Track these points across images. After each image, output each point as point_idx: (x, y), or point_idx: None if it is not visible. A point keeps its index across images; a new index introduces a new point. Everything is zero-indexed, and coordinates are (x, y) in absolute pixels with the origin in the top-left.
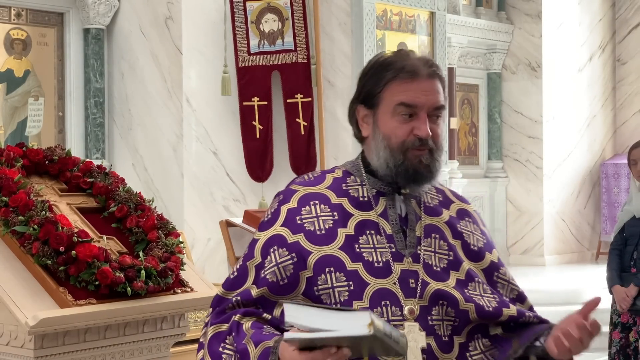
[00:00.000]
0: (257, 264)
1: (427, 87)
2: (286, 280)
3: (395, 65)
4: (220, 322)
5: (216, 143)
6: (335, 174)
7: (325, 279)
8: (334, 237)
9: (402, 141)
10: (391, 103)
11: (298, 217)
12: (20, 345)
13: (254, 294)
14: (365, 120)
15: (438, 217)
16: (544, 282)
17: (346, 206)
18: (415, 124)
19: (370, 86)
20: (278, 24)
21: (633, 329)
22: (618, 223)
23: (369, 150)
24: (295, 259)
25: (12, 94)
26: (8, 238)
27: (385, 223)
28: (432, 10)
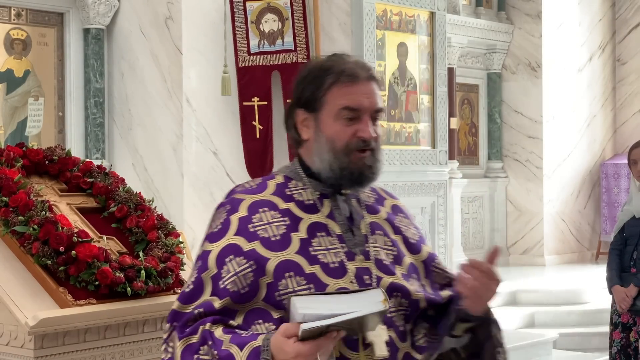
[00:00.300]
0: (213, 275)
1: (368, 90)
2: (247, 289)
3: (335, 69)
4: (188, 334)
5: (216, 143)
6: (276, 180)
7: (286, 284)
8: (288, 242)
9: (346, 144)
10: (335, 107)
11: (250, 225)
12: (20, 345)
13: (217, 306)
14: (305, 124)
15: (378, 215)
16: (544, 282)
17: (294, 210)
18: (359, 126)
19: (311, 91)
20: (278, 24)
21: (633, 329)
22: (618, 223)
23: (308, 153)
24: (254, 266)
25: (12, 94)
26: (8, 238)
27: (333, 224)
28: (432, 10)
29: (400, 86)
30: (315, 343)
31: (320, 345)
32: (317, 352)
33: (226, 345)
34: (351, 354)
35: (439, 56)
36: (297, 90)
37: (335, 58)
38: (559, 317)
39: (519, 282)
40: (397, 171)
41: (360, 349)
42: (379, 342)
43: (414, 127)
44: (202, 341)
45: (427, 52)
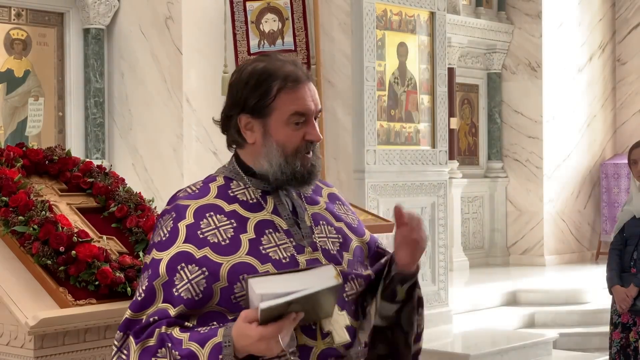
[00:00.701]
0: (164, 282)
1: (311, 92)
2: (201, 295)
3: (278, 74)
4: (144, 338)
5: (216, 143)
6: (218, 182)
7: (241, 286)
8: (238, 245)
9: (296, 147)
10: (284, 113)
11: (199, 232)
12: (20, 345)
13: (173, 314)
14: (249, 128)
15: (318, 205)
16: (544, 282)
17: (240, 211)
18: (307, 129)
19: (258, 97)
20: (278, 24)
21: (633, 329)
22: (618, 223)
23: (251, 155)
24: (206, 272)
25: (12, 94)
26: (8, 238)
27: (279, 220)
28: (432, 10)
29: (400, 86)
30: (276, 324)
31: (281, 327)
32: (278, 334)
33: (186, 344)
34: (311, 342)
35: (439, 56)
36: (239, 95)
37: (272, 60)
38: (559, 317)
39: (519, 282)
40: (397, 171)
41: (318, 337)
42: (338, 328)
43: (414, 127)
44: (160, 344)
45: (427, 52)
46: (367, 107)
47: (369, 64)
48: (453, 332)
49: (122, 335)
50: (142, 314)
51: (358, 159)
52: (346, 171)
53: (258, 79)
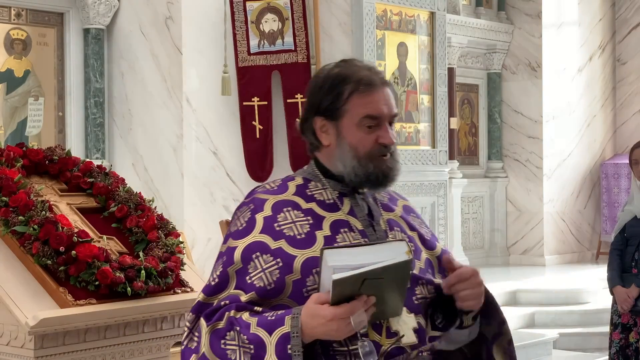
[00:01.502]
0: (238, 269)
1: (385, 96)
2: (273, 285)
3: (352, 77)
4: (214, 321)
5: (216, 143)
6: (296, 182)
7: (313, 280)
8: (313, 240)
9: (369, 150)
10: (357, 115)
11: (275, 224)
12: (20, 345)
13: (244, 300)
14: (324, 130)
15: (393, 213)
16: (544, 282)
17: (316, 210)
18: (380, 132)
19: (331, 100)
20: (278, 24)
21: (633, 329)
22: (619, 223)
23: (327, 157)
24: (280, 264)
25: (12, 94)
26: (8, 238)
27: (355, 220)
28: (432, 10)
29: (400, 86)
30: (349, 305)
31: (353, 307)
32: (350, 315)
33: (254, 328)
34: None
35: (439, 56)
36: (314, 98)
37: (348, 65)
38: (559, 317)
39: (519, 282)
40: None
41: (383, 335)
42: (406, 329)
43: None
44: (229, 327)
45: (427, 52)
46: None
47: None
48: None
49: (194, 317)
50: (214, 298)
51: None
52: None
53: (332, 83)
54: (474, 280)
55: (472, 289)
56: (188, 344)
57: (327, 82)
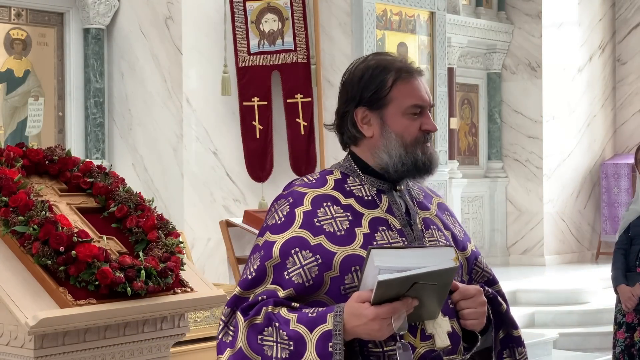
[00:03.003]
0: (276, 264)
1: (424, 85)
2: (312, 282)
3: (392, 66)
4: (252, 316)
5: (216, 143)
6: (335, 176)
7: (352, 278)
8: (353, 237)
9: (415, 138)
10: (402, 104)
11: (315, 220)
12: (20, 345)
13: (281, 296)
14: (366, 122)
15: (429, 211)
16: (544, 282)
17: (355, 206)
18: (423, 120)
19: (374, 90)
20: (278, 24)
21: (638, 328)
22: (623, 222)
23: (369, 149)
24: (319, 260)
25: (12, 94)
26: (8, 238)
27: (393, 219)
28: (432, 10)
29: None
30: (391, 305)
31: (396, 308)
32: (392, 315)
33: (294, 324)
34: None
35: (439, 56)
36: (354, 90)
37: (382, 56)
38: (559, 317)
39: (519, 282)
40: None
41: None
42: (440, 332)
43: None
44: (267, 322)
45: (427, 52)
46: None
47: None
48: None
49: (230, 311)
50: (250, 292)
51: None
52: None
53: (373, 73)
54: (477, 300)
55: (475, 308)
56: (223, 337)
57: (368, 72)
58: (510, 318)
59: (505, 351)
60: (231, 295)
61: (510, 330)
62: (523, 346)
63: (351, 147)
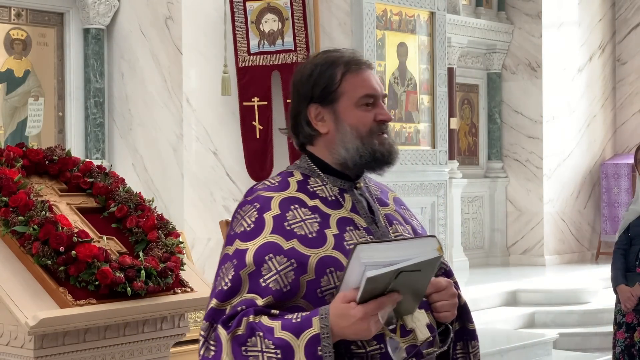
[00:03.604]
0: (251, 272)
1: (374, 76)
2: (289, 287)
3: (340, 60)
4: (234, 327)
5: (216, 143)
6: (296, 177)
7: (328, 280)
8: (324, 239)
9: (370, 129)
10: (354, 95)
11: (286, 223)
12: (20, 345)
13: (260, 304)
14: (320, 119)
15: (388, 207)
16: (544, 282)
17: (322, 207)
18: (377, 110)
19: (324, 84)
20: (278, 24)
21: (637, 328)
22: (623, 222)
23: (325, 146)
24: (295, 264)
25: (12, 94)
26: (8, 238)
27: (358, 218)
28: (432, 10)
29: (400, 86)
30: (378, 301)
31: (382, 304)
32: (379, 311)
33: (278, 332)
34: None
35: (439, 56)
36: (304, 88)
37: (330, 52)
38: (559, 317)
39: (519, 282)
40: (397, 171)
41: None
42: (420, 326)
43: (414, 127)
44: (250, 333)
45: (427, 52)
46: None
47: None
48: None
49: (209, 325)
50: (227, 304)
51: None
52: None
53: (321, 69)
54: (449, 292)
55: (447, 300)
56: (205, 353)
57: (316, 69)
58: (468, 311)
59: (459, 343)
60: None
61: (466, 323)
62: (476, 339)
63: (308, 147)
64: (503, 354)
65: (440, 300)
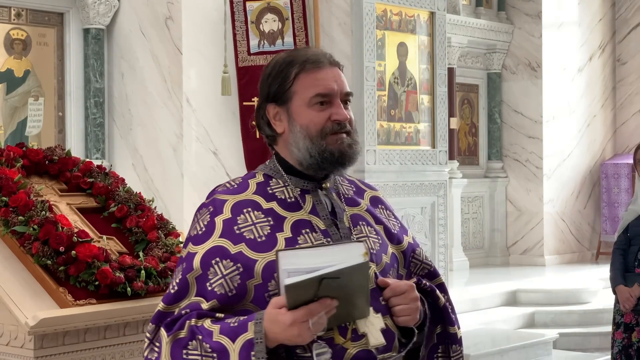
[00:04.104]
0: (198, 276)
1: (334, 74)
2: (234, 291)
3: (298, 59)
4: (175, 330)
5: (216, 143)
6: (257, 179)
7: (275, 284)
8: (274, 242)
9: (321, 128)
10: (305, 95)
11: (235, 227)
12: (20, 345)
13: (205, 307)
14: (277, 118)
15: (358, 207)
16: (544, 282)
17: (277, 210)
18: (332, 110)
19: (279, 84)
20: (278, 24)
21: (636, 329)
22: (622, 223)
23: (284, 146)
24: (241, 269)
25: (12, 94)
26: (8, 238)
27: (317, 220)
28: (432, 10)
29: (400, 86)
30: (307, 308)
31: (312, 310)
32: (309, 318)
33: (216, 336)
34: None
35: (439, 56)
36: (264, 88)
37: (296, 51)
38: (559, 317)
39: (519, 282)
40: (397, 171)
41: (348, 337)
42: (373, 330)
43: (414, 127)
44: (191, 336)
45: (427, 52)
46: (367, 107)
47: (369, 64)
48: None
49: (154, 327)
50: (174, 307)
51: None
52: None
53: (279, 68)
54: (409, 295)
55: (406, 304)
56: (149, 354)
57: (275, 68)
58: (448, 313)
59: (440, 346)
60: (155, 311)
61: (447, 326)
62: (459, 344)
63: (274, 147)
64: (503, 354)
65: (399, 304)
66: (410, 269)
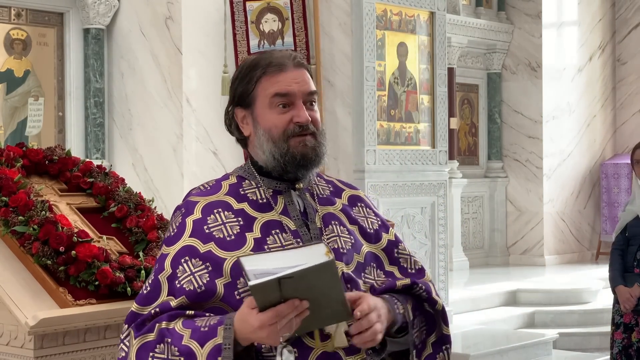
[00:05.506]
0: (168, 276)
1: (296, 75)
2: (203, 288)
3: (262, 62)
4: (144, 333)
5: (216, 143)
6: (230, 181)
7: (244, 282)
8: (243, 242)
9: (283, 130)
10: (266, 97)
11: (205, 227)
12: (20, 345)
13: (174, 305)
14: (245, 121)
15: (333, 206)
16: (543, 282)
17: (248, 210)
18: (294, 112)
19: (243, 87)
20: (278, 24)
21: (635, 329)
22: (620, 223)
23: (253, 149)
24: (210, 267)
25: (12, 94)
26: (8, 238)
27: (288, 220)
28: (432, 10)
29: (400, 86)
30: (275, 309)
31: (280, 312)
32: (278, 320)
33: (186, 340)
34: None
35: (439, 56)
36: (231, 92)
37: (264, 54)
38: (559, 317)
39: (519, 282)
40: (397, 171)
41: (316, 338)
42: (339, 332)
43: (414, 127)
44: (159, 339)
45: (427, 52)
46: (367, 107)
47: (369, 64)
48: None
49: (127, 328)
50: (147, 307)
51: (358, 159)
52: (346, 171)
53: (245, 71)
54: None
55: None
56: (118, 354)
57: (242, 71)
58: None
59: (439, 355)
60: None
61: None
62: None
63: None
64: (503, 354)
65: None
66: (400, 265)
